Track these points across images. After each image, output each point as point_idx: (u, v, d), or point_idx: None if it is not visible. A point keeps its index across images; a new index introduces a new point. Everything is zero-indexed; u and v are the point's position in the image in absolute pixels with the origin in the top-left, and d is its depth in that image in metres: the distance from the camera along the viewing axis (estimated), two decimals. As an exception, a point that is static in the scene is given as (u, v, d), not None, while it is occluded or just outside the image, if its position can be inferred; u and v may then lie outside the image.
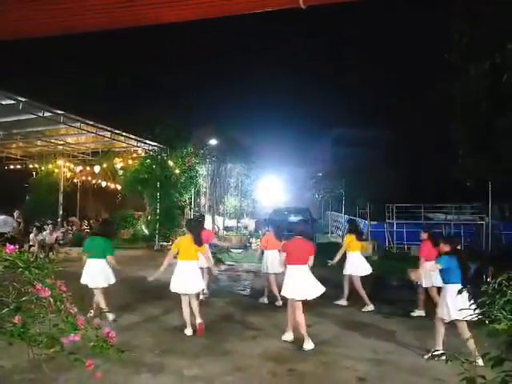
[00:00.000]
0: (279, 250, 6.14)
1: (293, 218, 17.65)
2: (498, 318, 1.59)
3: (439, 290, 5.39)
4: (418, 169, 23.31)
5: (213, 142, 18.16)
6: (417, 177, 22.62)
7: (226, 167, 19.92)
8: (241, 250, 15.49)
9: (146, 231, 17.93)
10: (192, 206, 18.69)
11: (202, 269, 7.79)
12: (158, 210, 16.06)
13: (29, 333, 1.77)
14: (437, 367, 4.24)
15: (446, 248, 5.00)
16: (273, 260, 7.27)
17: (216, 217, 19.81)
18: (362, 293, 7.13)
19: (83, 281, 5.97)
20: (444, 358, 1.96)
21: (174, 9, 2.35)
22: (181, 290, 5.53)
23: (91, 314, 5.14)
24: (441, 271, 4.90)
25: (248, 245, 16.90)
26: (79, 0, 2.35)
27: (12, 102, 10.54)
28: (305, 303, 5.33)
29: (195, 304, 5.62)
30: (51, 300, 1.83)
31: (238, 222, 20.67)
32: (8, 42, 3.00)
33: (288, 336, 5.39)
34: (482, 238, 15.51)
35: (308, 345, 5.08)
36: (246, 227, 19.93)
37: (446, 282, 4.80)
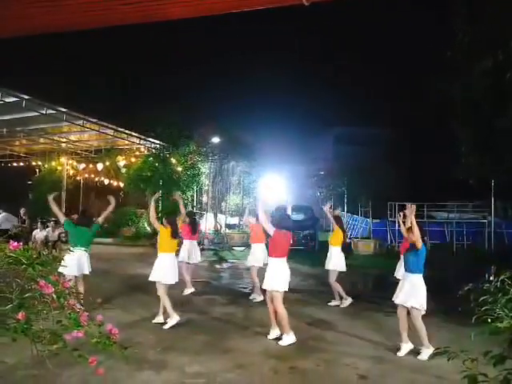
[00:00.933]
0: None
1: (295, 216, 17.64)
2: (500, 316, 1.59)
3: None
4: (420, 167, 23.27)
5: (215, 140, 18.17)
6: (419, 175, 22.57)
7: (228, 165, 19.92)
8: (243, 248, 15.51)
9: (149, 229, 17.98)
10: (194, 203, 18.73)
11: (187, 264, 7.93)
12: (160, 208, 16.10)
13: (32, 329, 1.78)
14: (438, 365, 4.25)
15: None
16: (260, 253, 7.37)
17: (218, 214, 19.83)
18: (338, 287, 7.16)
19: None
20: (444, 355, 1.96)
21: (179, 5, 2.35)
22: (171, 280, 5.80)
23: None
24: (406, 262, 4.95)
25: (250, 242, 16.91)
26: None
27: (15, 99, 10.58)
28: (305, 301, 5.33)
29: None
30: (54, 296, 1.84)
31: (240, 219, 20.67)
32: (11, 40, 3.01)
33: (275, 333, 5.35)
34: (484, 236, 15.48)
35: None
36: (248, 225, 19.91)
37: (409, 271, 4.89)
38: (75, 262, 5.98)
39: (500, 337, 1.65)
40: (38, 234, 12.52)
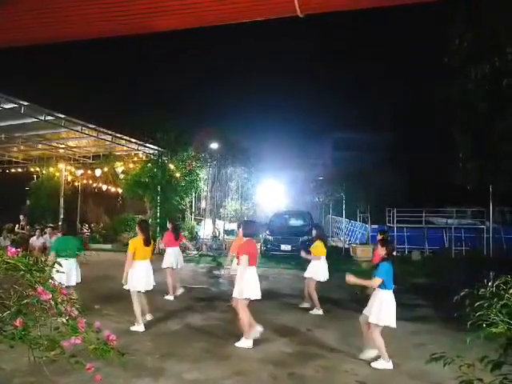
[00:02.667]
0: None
1: (293, 222, 17.65)
2: (495, 321, 1.60)
3: None
4: (419, 173, 23.34)
5: (213, 145, 18.21)
6: (417, 181, 22.63)
7: (227, 171, 19.95)
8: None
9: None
10: (193, 209, 18.72)
11: (173, 269, 7.96)
12: (158, 214, 16.08)
13: (30, 336, 1.78)
14: (436, 371, 4.23)
15: (382, 252, 4.87)
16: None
17: (217, 220, 19.82)
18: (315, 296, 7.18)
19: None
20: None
21: (171, 17, 2.38)
22: (142, 288, 5.96)
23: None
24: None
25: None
26: (75, 9, 2.38)
27: (14, 105, 10.59)
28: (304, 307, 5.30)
29: (145, 300, 6.15)
30: (52, 303, 1.84)
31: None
32: (8, 48, 3.03)
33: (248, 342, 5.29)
34: (483, 242, 15.49)
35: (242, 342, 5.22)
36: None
37: (382, 287, 4.72)
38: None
39: (495, 342, 1.66)
40: (35, 241, 12.49)
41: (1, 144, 15.64)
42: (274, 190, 23.72)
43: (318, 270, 7.23)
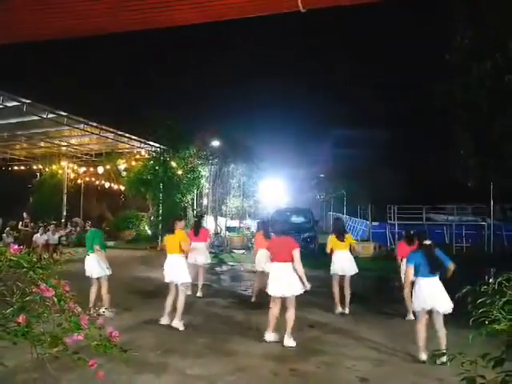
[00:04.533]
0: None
1: (295, 219, 17.66)
2: (498, 318, 1.60)
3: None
4: (420, 170, 23.31)
5: (215, 143, 18.21)
6: (418, 178, 22.60)
7: (229, 168, 19.95)
8: (243, 251, 15.51)
9: (149, 232, 17.99)
10: (194, 206, 18.74)
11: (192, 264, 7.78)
12: (160, 211, 16.11)
13: (32, 332, 1.79)
14: (439, 367, 4.24)
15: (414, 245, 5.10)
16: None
17: (218, 217, 19.83)
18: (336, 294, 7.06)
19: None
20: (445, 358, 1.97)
21: (176, 12, 2.38)
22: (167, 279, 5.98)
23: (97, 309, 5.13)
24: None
25: (250, 245, 16.91)
26: (86, 3, 2.38)
27: (16, 103, 10.61)
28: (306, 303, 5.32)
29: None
30: (55, 300, 1.85)
31: (241, 222, 20.68)
32: (12, 44, 3.03)
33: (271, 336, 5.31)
34: (483, 238, 15.47)
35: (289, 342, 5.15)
36: (248, 228, 19.94)
37: (415, 275, 4.85)
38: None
39: (497, 339, 1.66)
40: (39, 238, 12.53)
41: (3, 142, 15.69)
42: (275, 187, 23.73)
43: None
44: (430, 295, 4.68)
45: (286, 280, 5.20)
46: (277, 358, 4.79)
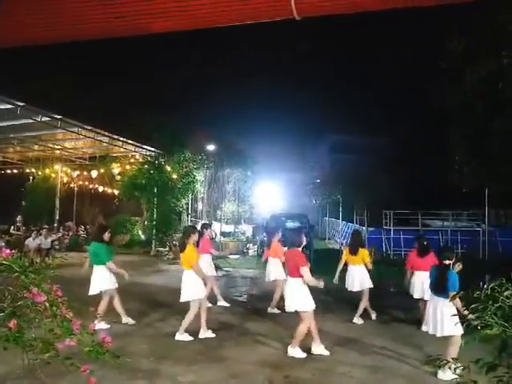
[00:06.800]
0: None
1: (290, 224, 17.65)
2: (490, 323, 1.61)
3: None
4: (415, 176, 23.44)
5: (210, 147, 18.21)
6: (414, 183, 22.72)
7: (224, 173, 19.94)
8: (238, 256, 15.46)
9: (143, 237, 17.89)
10: (189, 211, 18.68)
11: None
12: (154, 216, 16.04)
13: (24, 338, 1.77)
14: (434, 373, 4.24)
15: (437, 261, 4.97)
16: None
17: (213, 222, 19.78)
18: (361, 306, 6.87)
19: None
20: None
21: (167, 19, 2.39)
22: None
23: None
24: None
25: (245, 251, 16.87)
26: (77, 10, 2.38)
27: (10, 106, 10.55)
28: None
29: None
30: (47, 305, 1.83)
31: (236, 227, 20.65)
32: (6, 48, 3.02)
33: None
34: (478, 244, 15.55)
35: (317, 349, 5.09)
36: (243, 233, 19.91)
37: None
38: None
39: (490, 344, 1.66)
40: (31, 242, 12.41)
41: (-4, 145, 15.57)
42: (271, 192, 23.75)
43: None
44: (432, 316, 4.62)
45: (292, 296, 5.14)
46: (271, 364, 4.76)
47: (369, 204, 17.99)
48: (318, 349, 5.13)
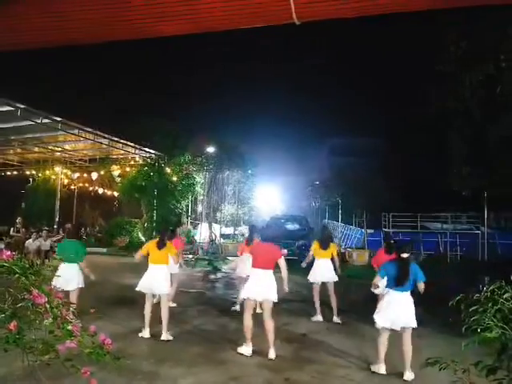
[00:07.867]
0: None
1: (290, 226, 17.66)
2: (490, 326, 1.61)
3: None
4: (415, 178, 23.46)
5: (210, 150, 18.23)
6: (413, 186, 22.73)
7: (224, 175, 19.96)
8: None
9: (143, 238, 17.87)
10: (189, 213, 18.69)
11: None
12: (154, 218, 16.04)
13: (24, 339, 1.77)
14: (432, 375, 4.23)
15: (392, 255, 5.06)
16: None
17: (213, 224, 19.78)
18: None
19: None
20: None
21: (171, 23, 2.40)
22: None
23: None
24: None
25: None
26: (79, 13, 2.39)
27: (11, 108, 10.57)
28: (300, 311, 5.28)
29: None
30: (47, 306, 1.83)
31: (235, 229, 20.65)
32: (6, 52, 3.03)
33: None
34: (478, 247, 15.57)
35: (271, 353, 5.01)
36: (242, 235, 19.91)
37: (386, 287, 4.82)
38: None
39: (490, 346, 1.67)
40: (31, 244, 12.40)
41: (-3, 147, 15.59)
42: (270, 194, 23.76)
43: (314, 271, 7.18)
44: (395, 310, 4.61)
45: (264, 285, 5.15)
46: (271, 367, 4.75)
47: (368, 206, 18.00)
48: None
